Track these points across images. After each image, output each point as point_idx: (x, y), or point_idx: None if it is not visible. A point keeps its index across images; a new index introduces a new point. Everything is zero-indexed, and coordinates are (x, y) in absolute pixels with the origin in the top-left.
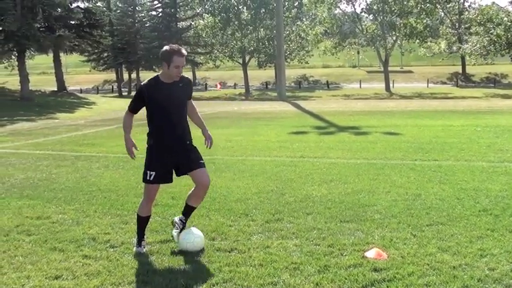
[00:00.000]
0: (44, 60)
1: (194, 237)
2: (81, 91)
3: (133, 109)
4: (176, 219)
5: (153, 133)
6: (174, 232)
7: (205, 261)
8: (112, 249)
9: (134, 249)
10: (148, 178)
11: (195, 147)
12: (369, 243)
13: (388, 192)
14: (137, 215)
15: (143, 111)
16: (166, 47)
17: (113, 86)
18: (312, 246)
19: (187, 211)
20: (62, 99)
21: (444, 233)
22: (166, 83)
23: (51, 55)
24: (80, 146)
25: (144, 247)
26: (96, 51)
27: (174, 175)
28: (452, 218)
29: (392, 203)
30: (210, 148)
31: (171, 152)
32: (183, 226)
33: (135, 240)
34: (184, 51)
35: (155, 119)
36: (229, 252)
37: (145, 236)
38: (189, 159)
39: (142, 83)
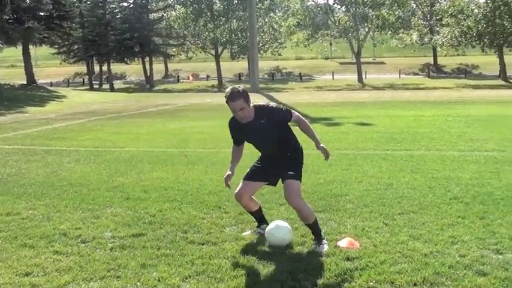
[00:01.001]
0: (13, 53)
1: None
2: (51, 84)
3: (234, 142)
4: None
5: None
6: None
7: (178, 254)
8: (83, 245)
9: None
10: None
11: (294, 157)
12: (341, 233)
13: (360, 182)
14: None
15: None
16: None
17: (83, 79)
18: None
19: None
20: (32, 93)
21: (416, 221)
22: (244, 122)
23: (20, 48)
24: (51, 140)
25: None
26: (66, 43)
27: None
28: (424, 206)
29: (364, 193)
30: (328, 160)
31: (270, 160)
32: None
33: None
34: (232, 95)
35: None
36: (202, 244)
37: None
38: (280, 169)
39: (231, 118)
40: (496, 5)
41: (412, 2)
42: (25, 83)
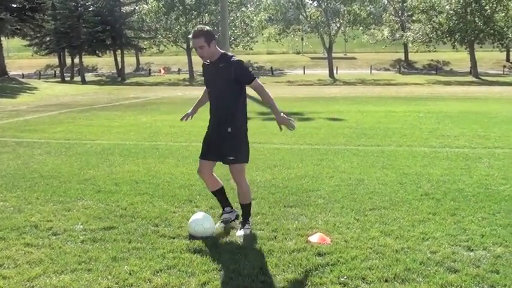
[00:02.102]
0: None
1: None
2: (23, 76)
3: (205, 83)
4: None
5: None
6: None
7: (149, 247)
8: (54, 237)
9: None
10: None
11: (234, 135)
12: (313, 228)
13: (331, 177)
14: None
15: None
16: None
17: (55, 71)
18: (256, 231)
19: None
20: (3, 85)
21: (387, 217)
22: (209, 63)
23: None
24: (22, 132)
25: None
26: (38, 35)
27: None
28: (395, 202)
29: (335, 188)
30: (292, 129)
31: (212, 132)
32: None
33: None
34: (194, 33)
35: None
36: (173, 238)
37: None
38: (220, 150)
39: None
40: (467, 2)
41: None
42: None
